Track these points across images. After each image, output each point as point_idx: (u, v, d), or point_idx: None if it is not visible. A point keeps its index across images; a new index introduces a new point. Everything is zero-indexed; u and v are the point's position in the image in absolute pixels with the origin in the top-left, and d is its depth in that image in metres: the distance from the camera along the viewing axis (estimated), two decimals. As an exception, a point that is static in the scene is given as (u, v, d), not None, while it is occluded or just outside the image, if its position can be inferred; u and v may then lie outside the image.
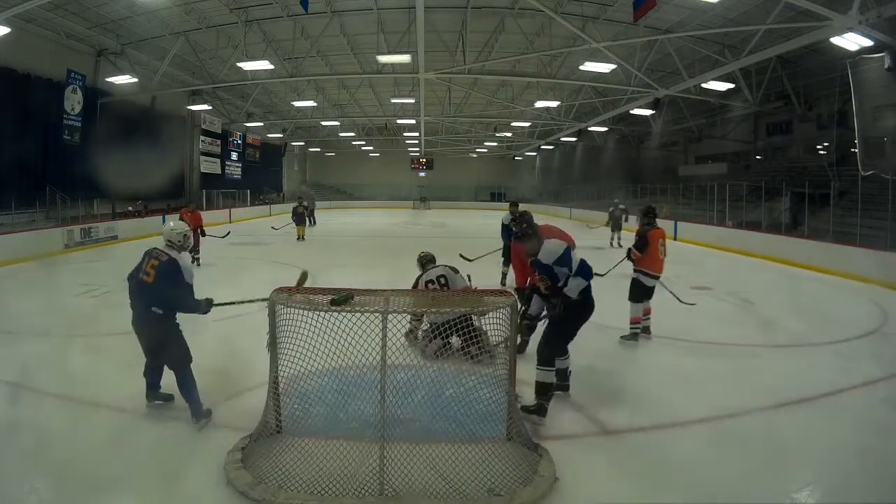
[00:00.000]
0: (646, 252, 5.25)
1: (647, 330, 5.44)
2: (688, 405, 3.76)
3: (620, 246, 12.83)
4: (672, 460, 3.08)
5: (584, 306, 3.64)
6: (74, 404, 3.67)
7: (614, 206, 14.68)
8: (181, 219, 8.80)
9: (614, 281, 5.72)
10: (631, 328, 5.34)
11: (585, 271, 3.60)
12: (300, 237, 14.95)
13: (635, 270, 5.36)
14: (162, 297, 3.36)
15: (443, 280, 5.05)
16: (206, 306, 3.52)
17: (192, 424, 3.37)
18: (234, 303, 3.90)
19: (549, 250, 3.65)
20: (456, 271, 5.18)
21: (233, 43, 15.55)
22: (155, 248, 3.51)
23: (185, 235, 3.58)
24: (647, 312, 5.44)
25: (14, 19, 11.12)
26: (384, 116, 26.55)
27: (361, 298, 2.92)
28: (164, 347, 3.40)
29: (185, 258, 3.51)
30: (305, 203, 15.70)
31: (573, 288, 3.56)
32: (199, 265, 9.60)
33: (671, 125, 23.85)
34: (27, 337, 5.32)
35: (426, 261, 5.37)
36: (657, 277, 5.35)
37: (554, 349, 3.64)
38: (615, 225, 14.26)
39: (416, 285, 5.15)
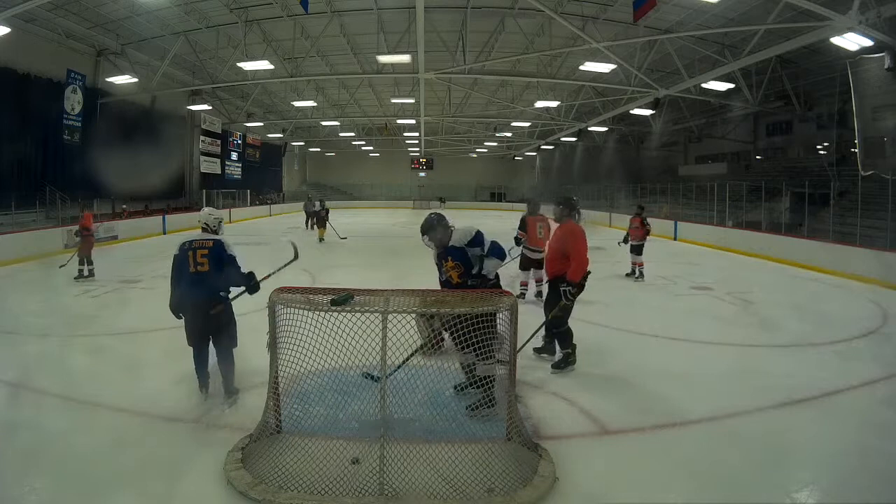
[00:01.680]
0: (526, 231, 6.96)
1: (539, 294, 6.78)
2: (688, 405, 3.75)
3: None
4: (672, 460, 3.07)
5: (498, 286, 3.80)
6: (74, 404, 3.67)
7: None
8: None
9: (615, 286, 5.70)
10: (520, 289, 6.99)
11: (499, 251, 3.72)
12: (319, 238, 14.58)
13: (523, 247, 7.00)
14: (224, 278, 3.51)
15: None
16: (254, 283, 3.67)
17: (224, 400, 3.63)
18: (269, 275, 4.01)
19: (462, 233, 3.72)
20: None
21: (233, 43, 15.55)
22: (192, 241, 3.56)
23: (220, 221, 3.76)
24: (539, 280, 6.94)
25: (14, 19, 11.13)
26: (384, 116, 26.58)
27: (361, 298, 2.91)
28: (225, 327, 3.56)
29: (224, 238, 3.66)
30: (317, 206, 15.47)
31: (490, 269, 3.66)
32: (93, 276, 8.44)
33: (671, 125, 23.87)
34: (27, 337, 5.32)
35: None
36: (540, 251, 6.71)
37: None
38: None
39: None
